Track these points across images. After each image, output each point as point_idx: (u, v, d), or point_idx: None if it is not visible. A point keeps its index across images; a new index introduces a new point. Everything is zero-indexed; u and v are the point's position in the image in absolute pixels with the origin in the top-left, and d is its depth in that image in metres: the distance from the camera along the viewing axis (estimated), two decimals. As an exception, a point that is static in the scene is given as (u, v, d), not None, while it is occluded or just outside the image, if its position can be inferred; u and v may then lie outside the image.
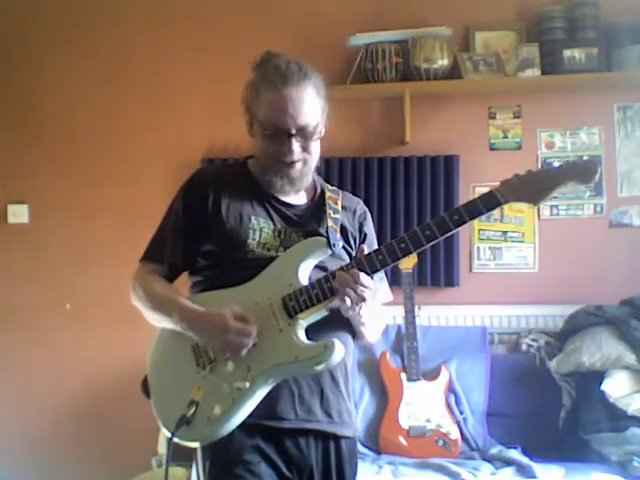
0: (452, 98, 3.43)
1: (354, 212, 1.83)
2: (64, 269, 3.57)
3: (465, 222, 1.58)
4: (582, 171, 1.55)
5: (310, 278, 1.63)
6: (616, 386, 2.87)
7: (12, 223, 3.60)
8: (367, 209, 1.89)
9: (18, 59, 3.60)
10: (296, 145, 1.66)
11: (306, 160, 1.69)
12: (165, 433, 1.63)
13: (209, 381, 1.60)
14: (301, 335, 1.58)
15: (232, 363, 1.58)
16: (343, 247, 1.73)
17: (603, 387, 2.87)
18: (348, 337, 1.72)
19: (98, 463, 3.47)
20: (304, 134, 1.66)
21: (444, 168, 3.38)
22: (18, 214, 3.60)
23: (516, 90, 3.44)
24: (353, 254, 1.76)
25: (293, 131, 1.64)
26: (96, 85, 3.57)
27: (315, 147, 1.70)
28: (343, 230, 1.76)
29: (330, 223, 1.72)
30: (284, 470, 1.62)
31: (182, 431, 1.57)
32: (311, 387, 1.65)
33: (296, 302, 1.59)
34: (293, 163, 1.68)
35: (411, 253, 1.59)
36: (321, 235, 1.70)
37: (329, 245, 1.66)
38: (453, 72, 3.33)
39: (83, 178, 3.57)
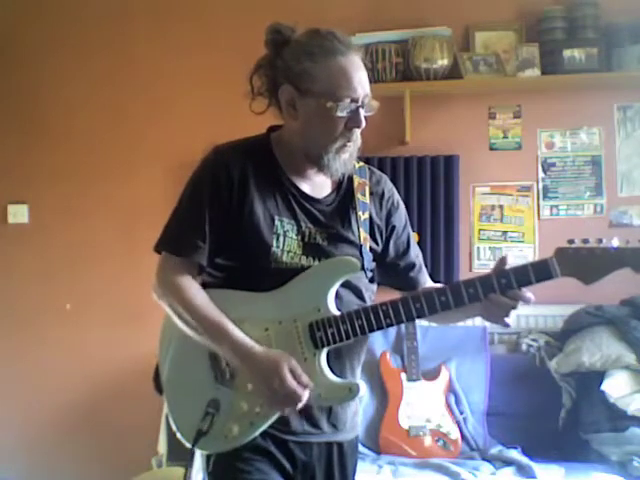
0: (452, 98, 3.43)
1: (381, 196, 1.71)
2: (64, 269, 3.57)
3: (512, 288, 1.51)
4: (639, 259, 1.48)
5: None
6: (616, 386, 2.87)
7: (12, 223, 3.59)
8: (394, 188, 1.77)
9: (18, 59, 3.60)
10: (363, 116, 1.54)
11: (357, 140, 1.59)
12: (179, 437, 1.62)
13: (226, 396, 1.57)
14: (324, 367, 1.54)
15: (252, 385, 1.55)
16: (370, 247, 1.66)
17: (603, 387, 2.87)
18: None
19: (98, 463, 3.47)
20: (365, 105, 1.55)
21: (444, 168, 3.38)
22: (18, 214, 3.59)
23: (516, 90, 3.44)
24: (379, 250, 1.69)
25: (360, 101, 1.54)
26: (96, 85, 3.56)
27: None
28: (371, 224, 1.66)
29: (363, 234, 1.63)
30: (287, 466, 1.61)
31: (199, 442, 1.56)
32: (321, 405, 1.62)
33: (324, 333, 1.53)
34: (350, 141, 1.56)
35: (450, 308, 1.53)
36: (351, 242, 1.63)
37: (362, 268, 1.59)
38: (453, 72, 3.33)
39: (83, 178, 3.57)
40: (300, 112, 1.57)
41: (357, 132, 1.58)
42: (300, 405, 1.51)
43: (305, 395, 1.50)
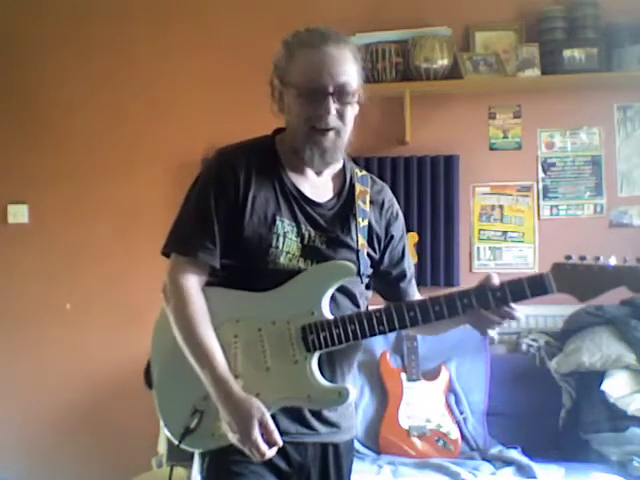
0: (452, 98, 3.43)
1: (382, 205, 1.72)
2: (64, 269, 3.57)
3: (507, 301, 1.53)
4: (637, 279, 1.49)
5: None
6: (616, 386, 2.87)
7: (12, 223, 3.60)
8: (394, 198, 1.78)
9: (18, 59, 3.60)
10: (333, 107, 1.55)
11: (340, 130, 1.58)
12: (166, 433, 1.63)
13: None
14: (315, 370, 1.55)
15: (242, 383, 1.55)
16: (367, 254, 1.66)
17: (603, 387, 2.87)
18: None
19: (98, 463, 3.47)
20: (342, 95, 1.55)
21: (444, 168, 3.38)
22: (18, 214, 3.59)
23: (516, 90, 3.44)
24: (376, 258, 1.70)
25: (330, 89, 1.54)
26: (96, 85, 3.57)
27: (350, 117, 1.60)
28: (369, 231, 1.68)
29: (361, 241, 1.64)
30: (282, 466, 1.61)
31: (186, 439, 1.57)
32: (311, 409, 1.61)
33: (316, 337, 1.53)
34: (327, 130, 1.56)
35: (445, 318, 1.54)
36: (349, 247, 1.63)
37: (359, 273, 1.60)
38: (453, 72, 3.33)
39: (83, 178, 3.57)
40: (285, 105, 1.62)
41: (328, 119, 1.56)
42: (262, 459, 1.51)
43: (269, 453, 1.51)
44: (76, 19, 3.58)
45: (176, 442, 1.58)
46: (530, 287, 1.52)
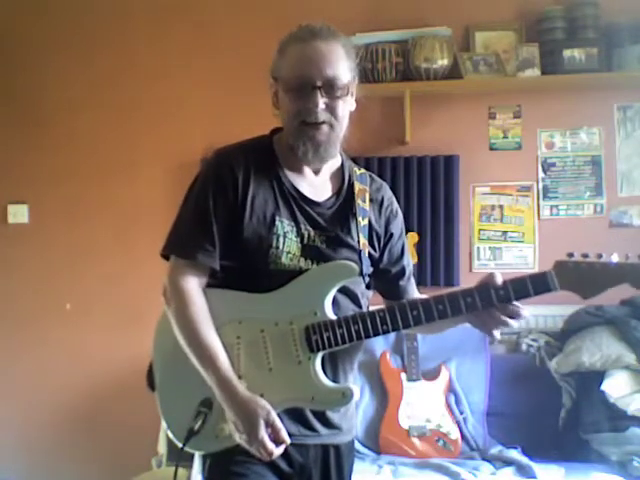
0: (452, 98, 3.43)
1: (381, 204, 1.72)
2: (64, 269, 3.57)
3: (510, 301, 1.53)
4: (638, 276, 1.50)
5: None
6: (616, 386, 2.87)
7: (12, 223, 3.60)
8: (393, 196, 1.77)
9: (19, 59, 3.60)
10: (321, 100, 1.55)
11: (333, 124, 1.58)
12: (169, 436, 1.62)
13: None
14: (319, 371, 1.54)
15: (245, 385, 1.55)
16: (368, 253, 1.66)
17: (603, 387, 2.87)
18: None
19: (98, 463, 3.47)
20: (331, 89, 1.56)
21: (444, 168, 3.38)
22: (18, 214, 3.59)
23: (516, 90, 3.44)
24: (376, 256, 1.70)
25: (319, 83, 1.54)
26: (97, 85, 3.56)
27: (343, 111, 1.60)
28: (370, 230, 1.68)
29: (362, 240, 1.64)
30: (284, 467, 1.61)
31: (190, 442, 1.56)
32: (314, 409, 1.61)
33: (319, 337, 1.53)
34: (318, 124, 1.56)
35: (448, 317, 1.54)
36: (350, 246, 1.63)
37: (361, 273, 1.60)
38: (453, 72, 3.33)
39: (83, 178, 3.57)
40: (279, 102, 1.63)
41: (317, 113, 1.56)
42: (270, 458, 1.51)
43: (276, 451, 1.51)
44: (77, 20, 3.58)
45: (180, 445, 1.58)
46: (533, 285, 1.52)
